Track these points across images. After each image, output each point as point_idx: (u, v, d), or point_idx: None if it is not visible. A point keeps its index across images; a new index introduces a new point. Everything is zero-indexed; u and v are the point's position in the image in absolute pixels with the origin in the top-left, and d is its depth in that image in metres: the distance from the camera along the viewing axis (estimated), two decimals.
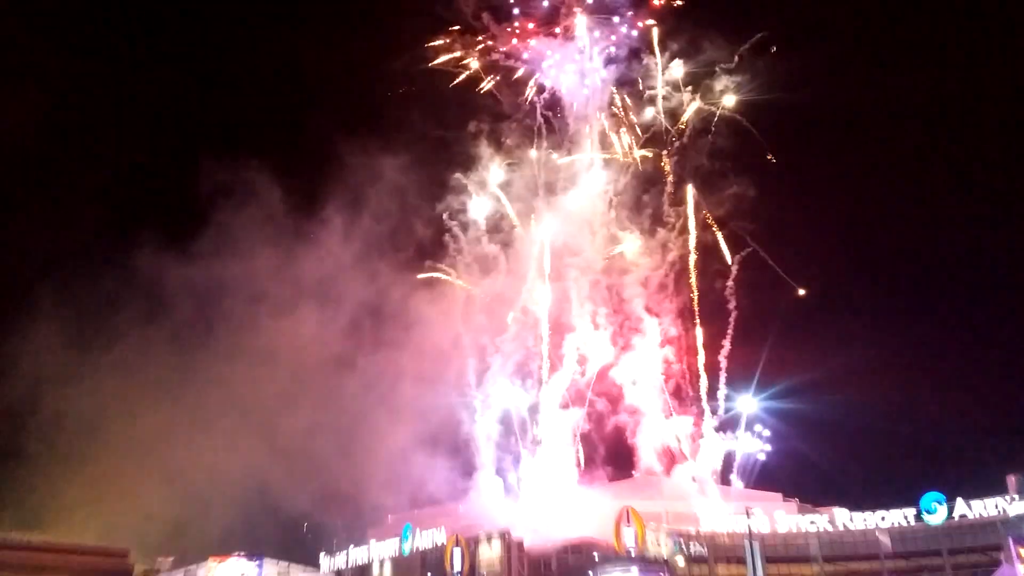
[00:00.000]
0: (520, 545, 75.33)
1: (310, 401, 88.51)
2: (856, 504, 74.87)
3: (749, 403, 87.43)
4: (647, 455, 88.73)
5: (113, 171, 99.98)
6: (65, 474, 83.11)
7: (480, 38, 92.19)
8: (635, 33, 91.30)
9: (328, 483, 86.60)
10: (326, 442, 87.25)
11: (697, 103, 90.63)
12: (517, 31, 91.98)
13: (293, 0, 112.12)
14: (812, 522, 74.49)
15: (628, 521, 69.27)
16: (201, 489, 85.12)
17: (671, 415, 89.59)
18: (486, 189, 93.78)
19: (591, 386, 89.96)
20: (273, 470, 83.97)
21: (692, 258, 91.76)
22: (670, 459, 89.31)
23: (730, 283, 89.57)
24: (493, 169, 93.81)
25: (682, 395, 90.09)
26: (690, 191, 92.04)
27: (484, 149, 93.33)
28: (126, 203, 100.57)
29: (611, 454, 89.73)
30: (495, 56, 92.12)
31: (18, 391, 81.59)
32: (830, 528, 73.70)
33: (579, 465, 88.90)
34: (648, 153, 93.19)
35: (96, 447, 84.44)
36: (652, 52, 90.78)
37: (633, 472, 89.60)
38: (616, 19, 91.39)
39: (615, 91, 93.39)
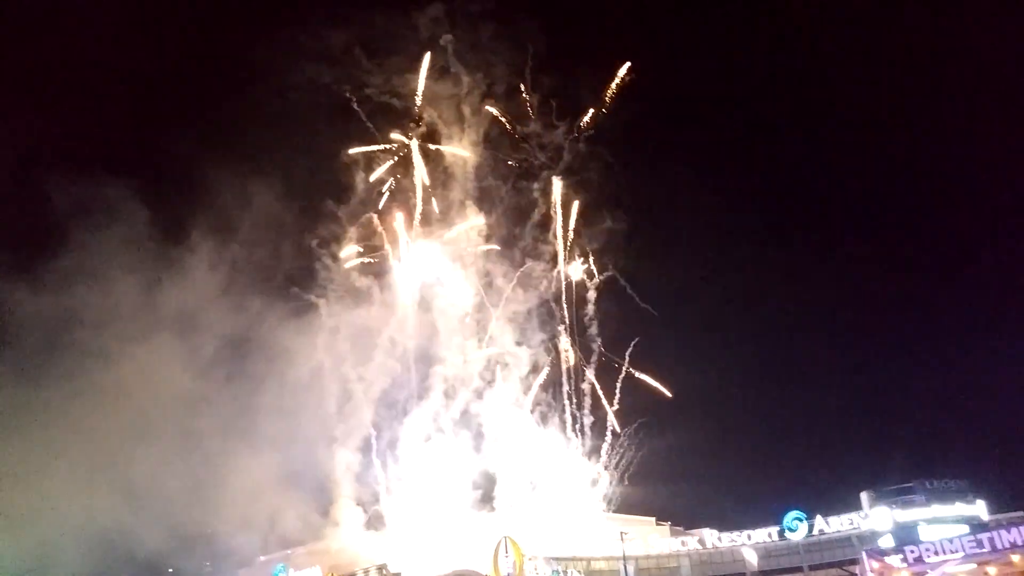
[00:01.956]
0: None
1: (167, 438, 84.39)
2: (725, 526, 77.95)
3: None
4: (512, 483, 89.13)
5: None
6: None
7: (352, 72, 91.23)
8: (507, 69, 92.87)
9: (190, 524, 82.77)
10: (186, 481, 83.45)
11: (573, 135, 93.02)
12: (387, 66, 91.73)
13: (155, 8, 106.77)
14: (683, 543, 76.95)
15: (506, 551, 69.35)
16: (50, 534, 79.52)
17: (537, 442, 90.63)
18: (359, 219, 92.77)
19: (456, 418, 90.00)
20: (129, 511, 79.51)
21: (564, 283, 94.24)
22: (534, 486, 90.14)
23: (590, 308, 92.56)
24: (366, 199, 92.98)
25: (547, 422, 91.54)
26: (560, 218, 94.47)
27: (358, 178, 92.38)
28: None
29: (478, 483, 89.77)
30: (369, 90, 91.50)
31: None
32: (700, 548, 76.34)
33: (446, 496, 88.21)
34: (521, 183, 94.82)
35: None
36: (524, 88, 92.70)
37: (498, 501, 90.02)
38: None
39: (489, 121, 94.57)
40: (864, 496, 73.63)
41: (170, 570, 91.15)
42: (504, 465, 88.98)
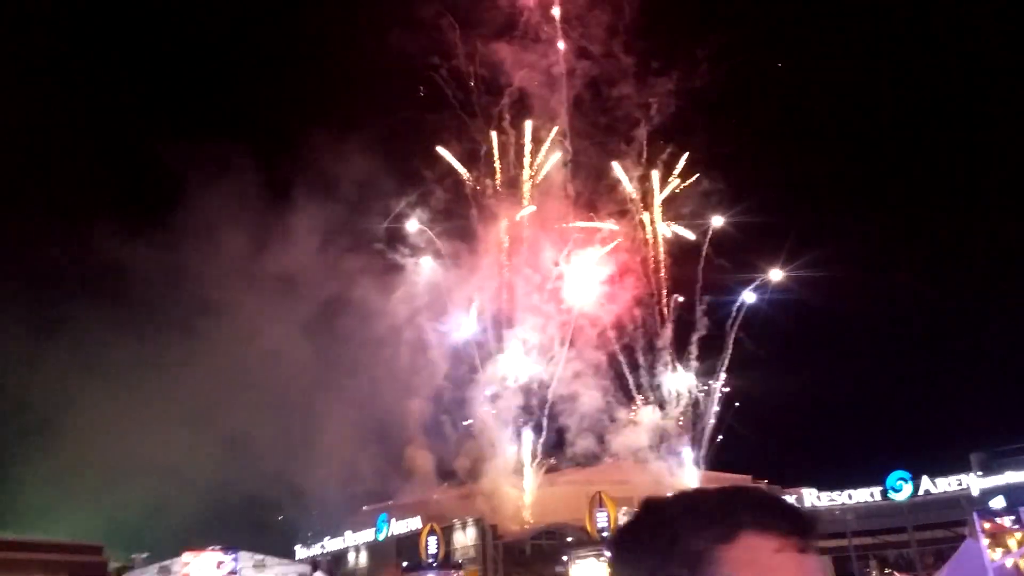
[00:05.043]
0: (495, 530, 76.00)
1: (269, 392, 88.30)
2: (825, 485, 76.46)
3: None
4: (586, 440, 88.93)
5: (67, 151, 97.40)
6: (28, 469, 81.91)
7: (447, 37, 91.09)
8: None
9: (293, 475, 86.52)
10: (288, 434, 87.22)
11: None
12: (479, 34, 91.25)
13: None
14: None
15: (601, 505, 70.06)
16: (168, 483, 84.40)
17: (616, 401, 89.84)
18: (448, 182, 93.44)
19: (526, 380, 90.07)
20: (240, 463, 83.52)
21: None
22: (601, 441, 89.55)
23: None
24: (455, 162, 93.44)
25: (629, 382, 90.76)
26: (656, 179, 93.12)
27: (449, 145, 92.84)
28: (81, 184, 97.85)
29: (552, 441, 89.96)
30: (456, 61, 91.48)
31: None
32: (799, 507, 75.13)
33: (535, 452, 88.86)
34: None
35: (56, 440, 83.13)
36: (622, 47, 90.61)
37: (604, 457, 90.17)
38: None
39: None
40: (974, 457, 71.06)
41: (279, 518, 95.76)
42: (580, 423, 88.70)
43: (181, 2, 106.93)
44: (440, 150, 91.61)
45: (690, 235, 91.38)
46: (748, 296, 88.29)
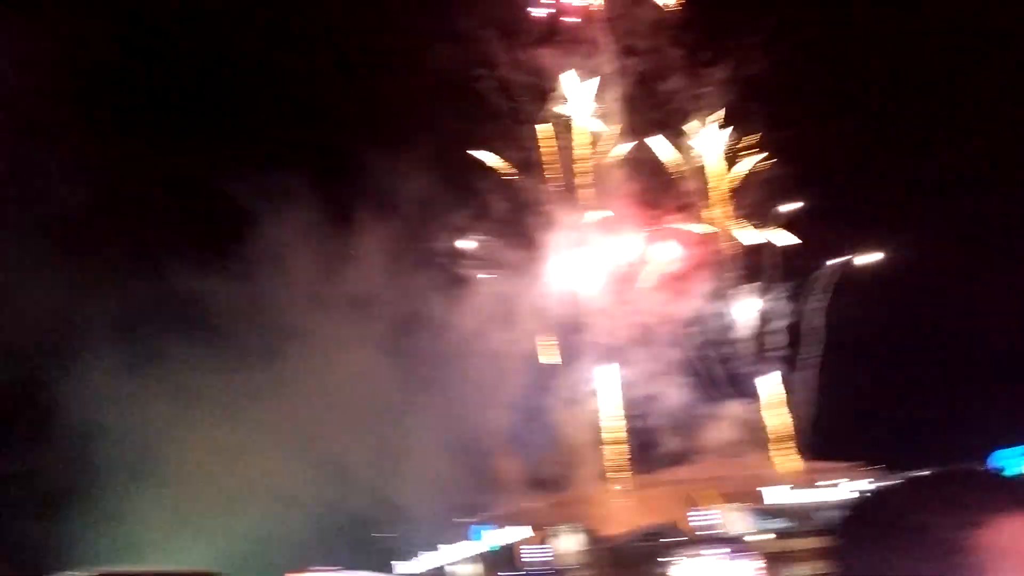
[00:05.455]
0: (596, 535, 75.98)
1: (352, 413, 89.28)
2: (928, 466, 73.98)
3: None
4: (675, 439, 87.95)
5: (138, 191, 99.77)
6: (141, 504, 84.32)
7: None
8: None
9: (387, 493, 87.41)
10: (384, 454, 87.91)
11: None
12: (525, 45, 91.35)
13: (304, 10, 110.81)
14: None
15: (703, 503, 69.66)
16: (272, 508, 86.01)
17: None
18: (506, 189, 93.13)
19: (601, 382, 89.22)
20: (338, 484, 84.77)
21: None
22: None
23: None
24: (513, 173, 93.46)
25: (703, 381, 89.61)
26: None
27: (503, 155, 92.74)
28: (162, 219, 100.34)
29: (640, 441, 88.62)
30: (500, 70, 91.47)
31: (81, 423, 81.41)
32: None
33: (625, 454, 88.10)
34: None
35: (165, 473, 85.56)
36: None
37: (695, 455, 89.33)
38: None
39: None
40: None
41: (382, 535, 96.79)
42: (666, 422, 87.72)
43: (225, 42, 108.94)
44: (483, 154, 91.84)
45: (783, 240, 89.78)
46: (831, 279, 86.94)
